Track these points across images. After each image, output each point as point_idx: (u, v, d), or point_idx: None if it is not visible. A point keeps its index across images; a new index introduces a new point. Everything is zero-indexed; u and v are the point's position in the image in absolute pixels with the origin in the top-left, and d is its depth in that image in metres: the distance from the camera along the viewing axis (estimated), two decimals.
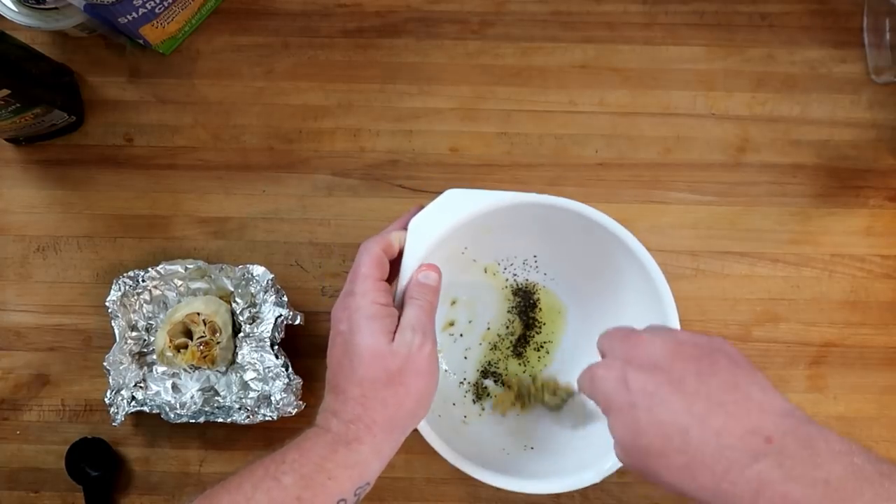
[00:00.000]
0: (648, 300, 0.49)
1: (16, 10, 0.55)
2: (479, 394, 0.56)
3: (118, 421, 0.54)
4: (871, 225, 0.60)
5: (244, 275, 0.56)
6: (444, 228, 0.47)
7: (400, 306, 0.44)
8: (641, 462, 0.34)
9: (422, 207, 0.47)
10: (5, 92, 0.50)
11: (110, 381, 0.55)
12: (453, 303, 0.57)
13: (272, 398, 0.54)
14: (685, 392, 0.33)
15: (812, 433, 0.30)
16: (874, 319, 0.59)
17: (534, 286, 0.57)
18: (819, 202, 0.60)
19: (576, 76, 0.61)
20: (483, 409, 0.55)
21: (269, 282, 0.56)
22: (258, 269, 0.56)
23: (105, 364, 0.54)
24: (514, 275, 0.57)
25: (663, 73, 0.61)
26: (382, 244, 0.44)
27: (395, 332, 0.41)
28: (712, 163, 0.60)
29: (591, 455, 0.48)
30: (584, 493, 0.57)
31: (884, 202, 0.60)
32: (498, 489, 0.57)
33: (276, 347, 0.55)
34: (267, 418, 0.54)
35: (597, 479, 0.46)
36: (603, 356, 0.39)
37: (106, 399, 0.54)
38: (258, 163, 0.60)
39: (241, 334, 0.56)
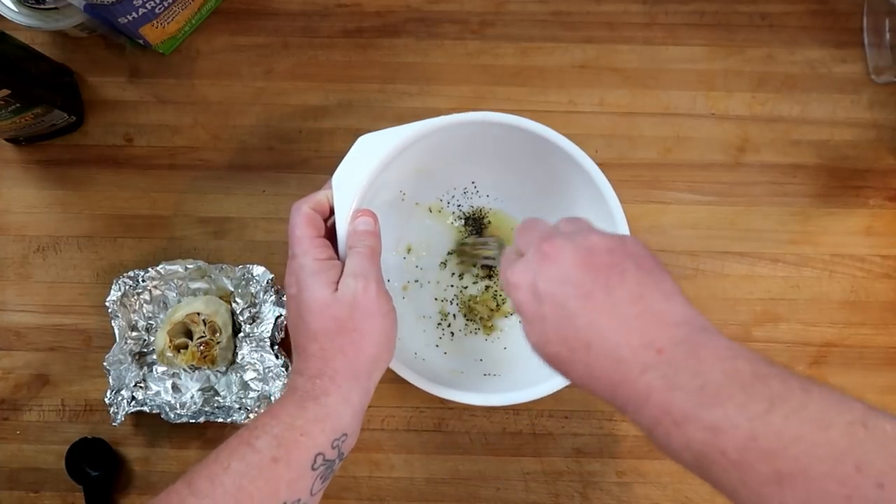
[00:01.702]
0: (591, 195, 0.49)
1: (16, 10, 0.55)
2: (450, 322, 0.57)
3: (118, 421, 0.54)
4: (871, 225, 0.60)
5: (244, 275, 0.56)
6: (367, 176, 0.46)
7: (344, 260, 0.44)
8: (552, 364, 0.36)
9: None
10: (5, 92, 0.50)
11: (110, 381, 0.55)
12: (409, 250, 0.57)
13: (272, 398, 0.54)
14: (592, 307, 0.34)
15: (702, 340, 0.32)
16: (874, 319, 0.59)
17: (481, 210, 0.58)
18: (819, 202, 0.60)
19: (576, 76, 0.61)
20: (452, 335, 0.56)
21: (269, 282, 0.56)
22: (258, 269, 0.56)
23: (105, 364, 0.54)
24: (459, 206, 0.58)
25: (663, 73, 0.61)
26: (311, 203, 0.45)
27: (338, 281, 0.42)
28: (712, 163, 0.60)
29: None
30: (583, 493, 0.57)
31: (884, 202, 0.60)
32: (498, 489, 0.57)
33: (276, 347, 0.55)
34: None
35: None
36: (520, 254, 0.39)
37: (106, 399, 0.54)
38: (258, 163, 0.60)
39: (241, 334, 0.56)
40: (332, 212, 0.46)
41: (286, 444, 0.38)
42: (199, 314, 0.55)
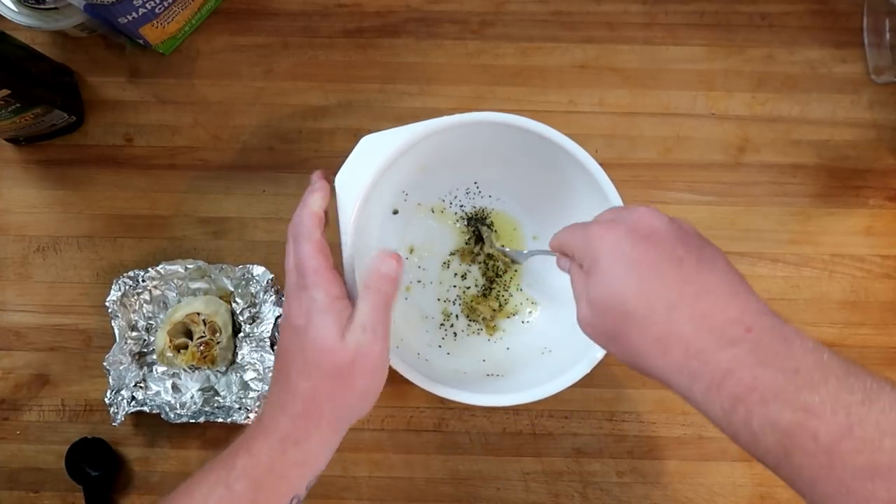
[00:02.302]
0: (594, 195, 0.49)
1: (16, 10, 0.55)
2: (454, 324, 0.57)
3: (118, 421, 0.54)
4: (871, 225, 0.60)
5: (244, 275, 0.56)
6: (370, 176, 0.46)
7: (351, 279, 0.43)
8: (614, 325, 0.34)
9: (323, 174, 0.46)
10: (5, 92, 0.50)
11: (110, 381, 0.55)
12: (411, 250, 0.57)
13: None
14: (683, 272, 0.33)
15: (788, 332, 0.31)
16: (874, 319, 0.59)
17: (483, 210, 0.58)
18: (819, 202, 0.60)
19: (576, 76, 0.61)
20: (455, 336, 0.56)
21: (269, 282, 0.56)
22: (258, 269, 0.56)
23: (105, 364, 0.54)
24: (462, 206, 0.58)
25: (663, 73, 0.61)
26: (318, 224, 0.42)
27: (347, 326, 0.40)
28: (712, 163, 0.60)
29: (559, 368, 0.48)
30: (583, 493, 0.57)
31: (884, 202, 0.60)
32: (498, 489, 0.57)
33: (276, 347, 0.55)
34: None
35: (587, 370, 0.47)
36: (569, 253, 0.38)
37: (106, 399, 0.54)
38: (258, 163, 0.60)
39: (241, 334, 0.56)
40: (328, 218, 0.45)
41: (266, 488, 0.37)
42: (199, 314, 0.55)
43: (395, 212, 0.55)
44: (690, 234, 0.36)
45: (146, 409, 0.55)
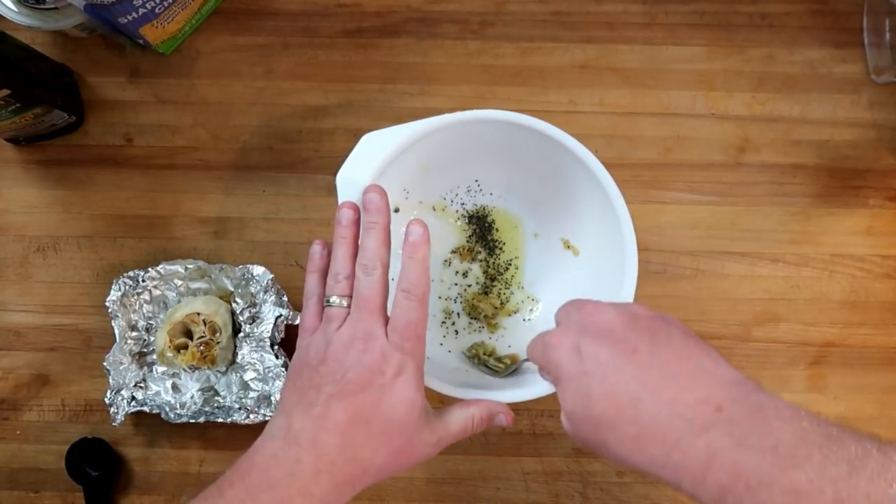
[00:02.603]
0: (596, 193, 0.49)
1: (16, 10, 0.55)
2: (454, 321, 0.57)
3: (118, 421, 0.54)
4: (871, 225, 0.60)
5: (244, 275, 0.56)
6: (371, 174, 0.46)
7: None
8: (591, 433, 0.34)
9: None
10: (5, 92, 0.50)
11: (110, 381, 0.55)
12: None
13: (272, 398, 0.54)
14: (639, 362, 0.32)
15: (762, 401, 0.30)
16: (874, 319, 0.59)
17: (484, 209, 0.58)
18: (819, 202, 0.60)
19: (576, 76, 0.61)
20: (456, 334, 0.56)
21: (269, 282, 0.56)
22: (258, 269, 0.56)
23: (105, 364, 0.54)
24: (463, 204, 0.58)
25: (663, 73, 0.61)
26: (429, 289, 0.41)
27: (425, 408, 0.40)
28: (712, 163, 0.60)
29: None
30: (583, 493, 0.57)
31: (884, 202, 0.60)
32: (498, 489, 0.57)
33: (276, 347, 0.55)
34: (267, 418, 0.54)
35: None
36: (541, 368, 0.39)
37: (106, 399, 0.54)
38: (258, 163, 0.60)
39: (241, 334, 0.56)
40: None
41: None
42: (199, 314, 0.55)
43: (396, 210, 0.55)
44: (641, 318, 0.35)
45: (146, 409, 0.55)
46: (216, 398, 0.56)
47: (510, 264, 0.57)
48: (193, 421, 0.54)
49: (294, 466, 0.37)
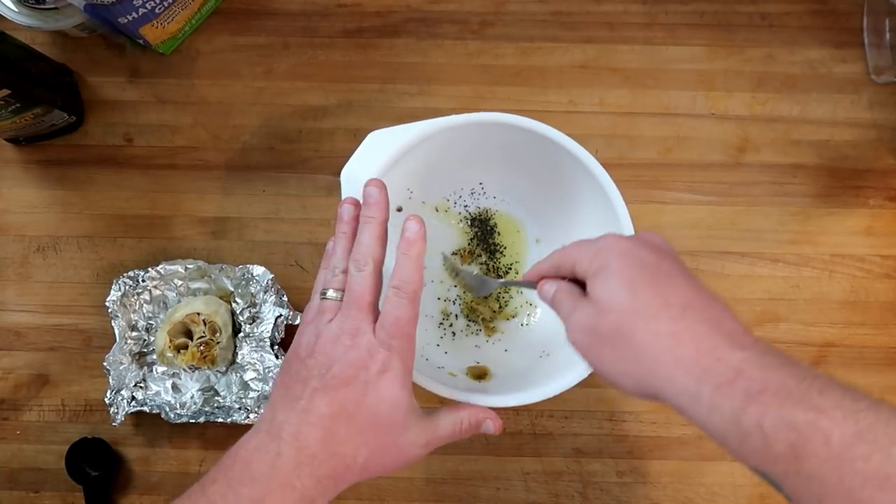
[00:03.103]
0: (599, 200, 0.49)
1: (16, 10, 0.55)
2: (452, 323, 0.57)
3: (118, 421, 0.54)
4: (871, 225, 0.60)
5: (244, 275, 0.56)
6: (376, 172, 0.46)
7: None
8: (616, 323, 0.34)
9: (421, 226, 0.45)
10: (5, 92, 0.50)
11: (110, 381, 0.55)
12: None
13: None
14: (693, 282, 0.34)
15: (786, 356, 0.32)
16: (874, 319, 0.59)
17: (487, 212, 0.58)
18: (819, 202, 0.60)
19: (576, 76, 0.61)
20: (454, 335, 0.56)
21: (269, 282, 0.56)
22: (258, 269, 0.56)
23: (105, 364, 0.54)
24: (465, 206, 0.58)
25: (663, 73, 0.61)
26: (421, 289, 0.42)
27: (412, 405, 0.40)
28: (712, 163, 0.60)
29: (557, 371, 0.48)
30: (583, 493, 0.57)
31: (884, 202, 0.60)
32: (498, 489, 0.57)
33: (276, 347, 0.55)
34: None
35: (586, 374, 0.46)
36: (568, 266, 0.38)
37: (106, 399, 0.54)
38: (258, 163, 0.60)
39: (241, 334, 0.56)
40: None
41: None
42: (199, 314, 0.55)
43: (399, 209, 0.55)
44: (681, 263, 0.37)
45: (146, 409, 0.55)
46: (216, 398, 0.56)
47: (510, 268, 0.57)
48: (193, 421, 0.54)
49: (275, 460, 0.37)
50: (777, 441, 0.28)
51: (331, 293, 0.42)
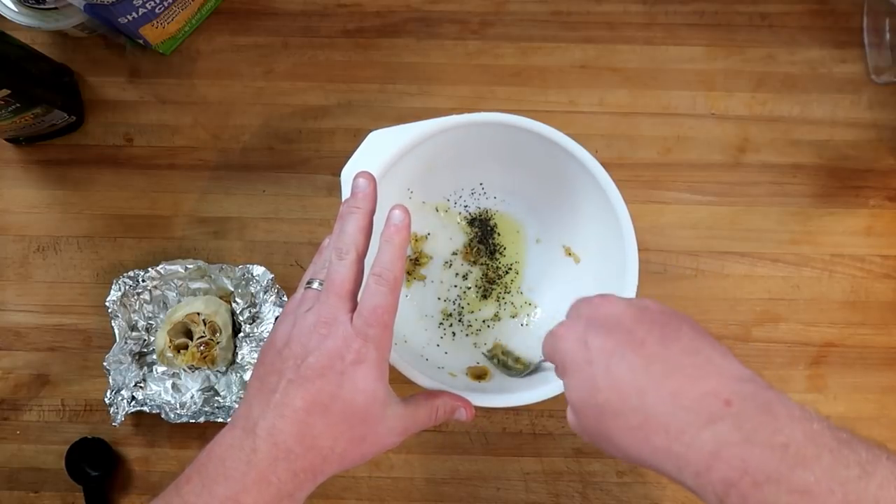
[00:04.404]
0: (599, 201, 0.49)
1: (16, 10, 0.55)
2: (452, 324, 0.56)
3: (118, 421, 0.54)
4: (871, 225, 0.60)
5: (244, 275, 0.56)
6: (376, 171, 0.46)
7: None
8: (595, 423, 0.33)
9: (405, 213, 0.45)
10: (5, 92, 0.50)
11: (110, 381, 0.55)
12: (417, 247, 0.57)
13: None
14: (645, 353, 0.32)
15: (771, 398, 0.29)
16: (874, 319, 0.59)
17: (487, 212, 0.57)
18: (819, 202, 0.60)
19: (576, 76, 0.61)
20: (454, 335, 0.56)
21: (269, 282, 0.56)
22: (258, 269, 0.56)
23: (105, 364, 0.54)
24: (466, 207, 0.58)
25: (663, 73, 0.61)
26: (403, 278, 0.41)
27: (389, 394, 0.39)
28: (712, 163, 0.60)
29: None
30: (583, 493, 0.57)
31: (884, 202, 0.60)
32: (498, 489, 0.57)
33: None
34: None
35: None
36: (551, 362, 0.38)
37: (106, 399, 0.54)
38: (258, 163, 0.60)
39: (241, 334, 0.56)
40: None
41: None
42: (199, 314, 0.55)
43: None
44: (651, 311, 0.34)
45: (146, 409, 0.55)
46: (216, 398, 0.56)
47: (510, 269, 0.57)
48: (193, 421, 0.54)
49: (250, 456, 0.36)
50: None
51: (315, 284, 0.41)
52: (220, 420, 0.54)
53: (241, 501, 0.35)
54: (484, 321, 0.56)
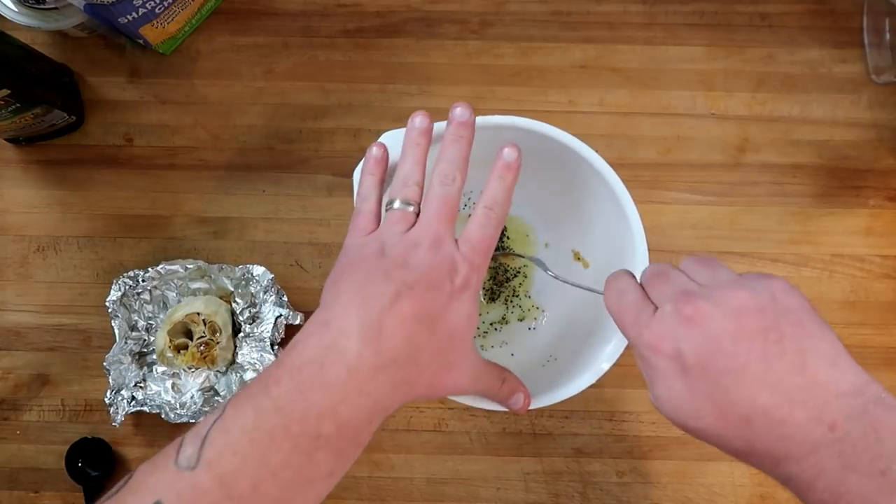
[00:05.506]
0: (608, 203, 0.48)
1: (16, 10, 0.55)
2: None
3: (118, 421, 0.54)
4: (871, 225, 0.60)
5: (244, 275, 0.56)
6: (387, 173, 0.45)
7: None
8: (701, 433, 0.33)
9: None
10: (5, 92, 0.50)
11: (110, 381, 0.55)
12: None
13: None
14: (749, 381, 0.30)
15: (878, 416, 0.29)
16: (874, 319, 0.59)
17: None
18: (819, 202, 0.60)
19: (576, 76, 0.61)
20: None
21: (269, 282, 0.56)
22: (258, 269, 0.56)
23: (105, 364, 0.54)
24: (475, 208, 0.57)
25: (663, 73, 0.61)
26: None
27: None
28: (712, 163, 0.61)
29: (564, 377, 0.47)
30: (583, 493, 0.57)
31: (884, 202, 0.60)
32: (498, 489, 0.57)
33: (276, 347, 0.55)
34: None
35: (593, 380, 0.45)
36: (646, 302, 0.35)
37: (106, 399, 0.55)
38: (258, 163, 0.60)
39: (241, 334, 0.56)
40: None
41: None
42: (199, 314, 0.55)
43: None
44: (749, 316, 0.31)
45: (146, 409, 0.55)
46: (216, 398, 0.56)
47: (519, 272, 0.57)
48: (193, 421, 0.54)
49: (353, 360, 0.33)
50: None
51: (398, 203, 0.39)
52: None
53: (338, 413, 0.32)
54: (491, 324, 0.56)
